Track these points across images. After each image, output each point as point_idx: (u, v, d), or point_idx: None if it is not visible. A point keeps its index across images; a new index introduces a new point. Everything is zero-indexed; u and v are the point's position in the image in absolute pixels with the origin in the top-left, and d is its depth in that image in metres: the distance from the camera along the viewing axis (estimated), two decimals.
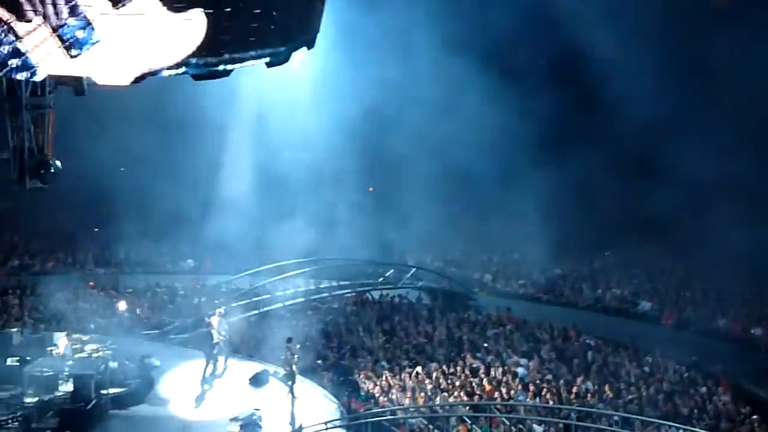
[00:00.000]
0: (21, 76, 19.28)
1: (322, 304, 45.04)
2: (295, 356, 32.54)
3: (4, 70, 19.09)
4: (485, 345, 39.40)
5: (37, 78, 19.48)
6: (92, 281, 47.62)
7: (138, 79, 19.18)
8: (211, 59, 19.18)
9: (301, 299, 44.04)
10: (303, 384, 33.79)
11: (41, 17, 18.48)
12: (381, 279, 46.61)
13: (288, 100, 45.60)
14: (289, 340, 33.01)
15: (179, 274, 51.23)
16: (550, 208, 50.27)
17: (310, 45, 21.32)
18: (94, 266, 50.83)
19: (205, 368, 34.22)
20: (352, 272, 46.24)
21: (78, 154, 48.47)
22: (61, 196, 50.86)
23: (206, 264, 50.92)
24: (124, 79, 19.17)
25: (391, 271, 47.21)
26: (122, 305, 43.41)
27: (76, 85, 21.38)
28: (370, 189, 55.05)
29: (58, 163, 25.33)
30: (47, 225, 54.94)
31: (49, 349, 33.62)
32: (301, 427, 29.98)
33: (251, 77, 43.17)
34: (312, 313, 43.66)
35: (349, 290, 45.72)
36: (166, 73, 19.28)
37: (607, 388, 34.25)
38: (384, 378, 35.73)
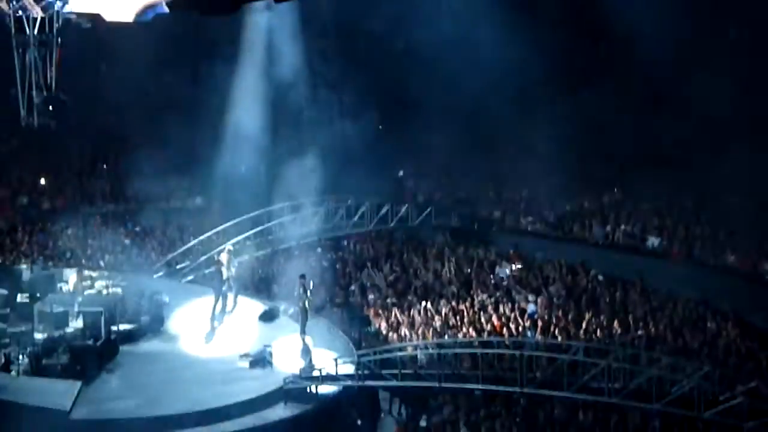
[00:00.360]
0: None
1: (335, 242, 44.93)
2: (308, 292, 32.62)
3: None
4: (494, 282, 39.45)
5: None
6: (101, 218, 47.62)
7: (140, 14, 19.11)
8: None
9: (315, 237, 43.79)
10: (313, 320, 33.91)
11: None
12: (396, 217, 46.25)
13: (295, 33, 45.36)
14: (303, 276, 33.04)
15: (190, 210, 51.23)
16: (561, 143, 50.05)
17: None
18: (104, 202, 50.81)
19: (215, 305, 34.32)
20: (366, 210, 45.95)
21: (88, 92, 48.67)
22: (71, 133, 51.06)
23: (216, 201, 50.82)
24: (128, 14, 19.12)
25: (405, 206, 46.88)
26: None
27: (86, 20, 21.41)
28: (380, 126, 54.66)
29: (65, 99, 25.23)
30: (56, 162, 54.93)
31: (59, 285, 33.75)
32: (311, 364, 30.09)
33: (260, 13, 43.16)
34: (324, 251, 43.60)
35: (363, 228, 45.39)
36: (166, 8, 19.21)
37: (615, 324, 34.31)
38: (393, 314, 35.82)
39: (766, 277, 39.83)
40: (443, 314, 35.89)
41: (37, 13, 25.07)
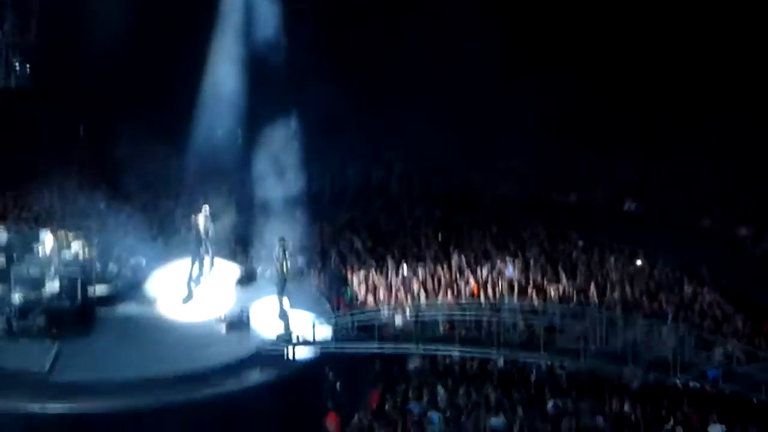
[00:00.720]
0: None
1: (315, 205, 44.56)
2: (287, 255, 32.55)
3: None
4: (472, 246, 39.46)
5: None
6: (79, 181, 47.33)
7: None
8: None
9: (300, 201, 43.40)
10: (291, 284, 33.89)
11: None
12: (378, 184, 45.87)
13: None
14: (281, 239, 32.93)
15: (168, 174, 51.01)
16: (540, 109, 50.05)
17: None
18: (82, 165, 50.49)
19: (192, 268, 34.21)
20: (350, 175, 45.72)
21: (66, 55, 48.41)
22: (48, 95, 50.75)
23: (193, 163, 50.55)
24: None
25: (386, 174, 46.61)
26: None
27: None
28: None
29: (42, 61, 25.02)
30: (33, 124, 54.59)
31: (36, 248, 33.58)
32: (288, 327, 30.10)
33: None
34: (303, 214, 43.24)
35: (352, 192, 45.04)
36: None
37: (592, 287, 34.39)
38: (371, 278, 35.81)
39: (742, 241, 40.04)
40: (421, 278, 35.88)
41: None
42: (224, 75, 45.30)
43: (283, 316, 31.34)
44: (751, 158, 43.80)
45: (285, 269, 32.50)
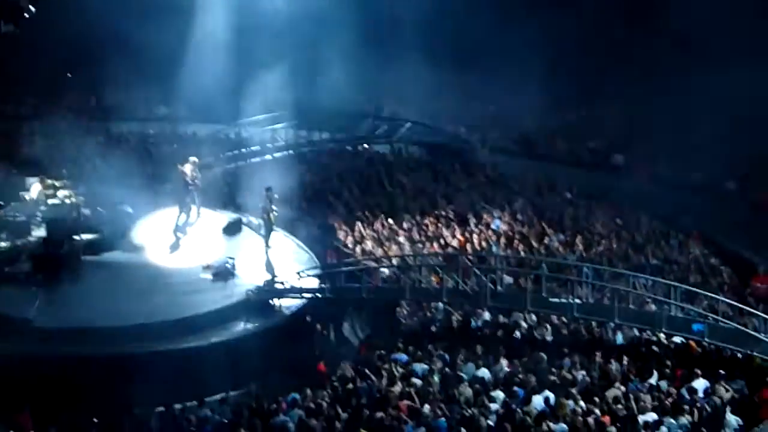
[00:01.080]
0: None
1: (304, 155, 44.37)
2: (273, 205, 32.51)
3: None
4: (459, 197, 39.45)
5: None
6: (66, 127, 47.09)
7: None
8: None
9: (290, 152, 43.17)
10: (277, 234, 33.89)
11: None
12: (375, 132, 45.48)
13: None
14: (268, 188, 32.86)
15: (153, 121, 50.88)
16: (530, 59, 49.87)
17: None
18: (68, 112, 50.28)
19: (179, 216, 34.17)
20: (343, 125, 45.39)
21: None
22: (37, 41, 50.32)
23: (181, 111, 50.39)
24: None
25: (384, 126, 46.24)
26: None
27: None
28: None
29: (31, 6, 24.80)
30: (22, 71, 54.32)
31: (21, 194, 33.51)
32: (274, 276, 30.10)
33: None
34: (293, 164, 43.07)
35: (343, 143, 44.70)
36: None
37: (578, 240, 34.43)
38: (357, 228, 35.79)
39: (730, 194, 40.11)
40: (408, 229, 35.90)
41: None
42: (214, 18, 45.08)
43: (269, 265, 31.36)
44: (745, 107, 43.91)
45: (272, 218, 32.49)
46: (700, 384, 24.09)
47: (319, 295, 29.37)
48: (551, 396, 23.43)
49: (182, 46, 45.54)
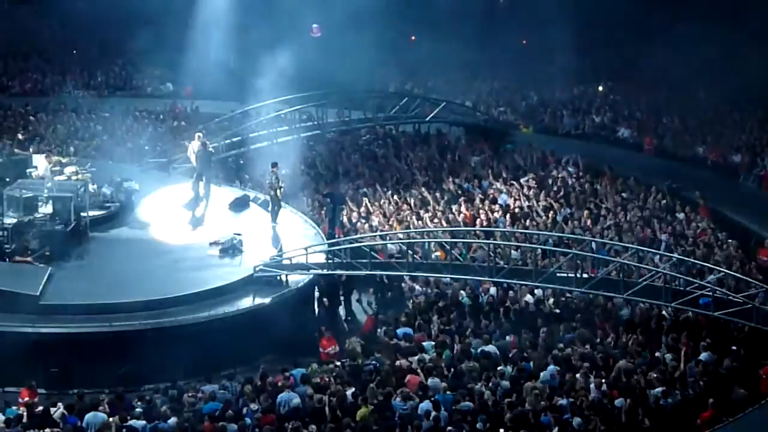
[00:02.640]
0: None
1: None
2: (280, 181, 32.50)
3: None
4: (466, 173, 39.39)
5: None
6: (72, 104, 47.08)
7: None
8: None
9: (318, 132, 42.35)
10: (286, 209, 33.93)
11: None
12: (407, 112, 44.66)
13: None
14: (275, 164, 32.86)
15: (159, 98, 50.86)
16: (532, 35, 49.86)
17: None
18: (74, 89, 50.34)
19: (186, 192, 34.20)
20: (372, 105, 44.75)
21: None
22: (42, 17, 50.37)
23: (187, 89, 50.37)
24: None
25: (417, 102, 45.42)
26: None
27: None
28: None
29: None
30: (27, 47, 54.39)
31: (28, 170, 33.52)
32: (281, 252, 30.11)
33: None
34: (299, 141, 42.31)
35: (373, 124, 44.13)
36: None
37: (585, 214, 34.39)
38: (364, 204, 35.77)
39: (734, 167, 40.05)
40: (413, 204, 35.88)
41: None
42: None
43: (276, 240, 31.39)
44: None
45: (278, 194, 32.52)
46: (707, 357, 24.14)
47: (325, 271, 29.37)
48: (559, 370, 23.53)
49: (187, 25, 45.45)
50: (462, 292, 29.08)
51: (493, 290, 29.03)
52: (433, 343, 25.67)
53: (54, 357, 25.62)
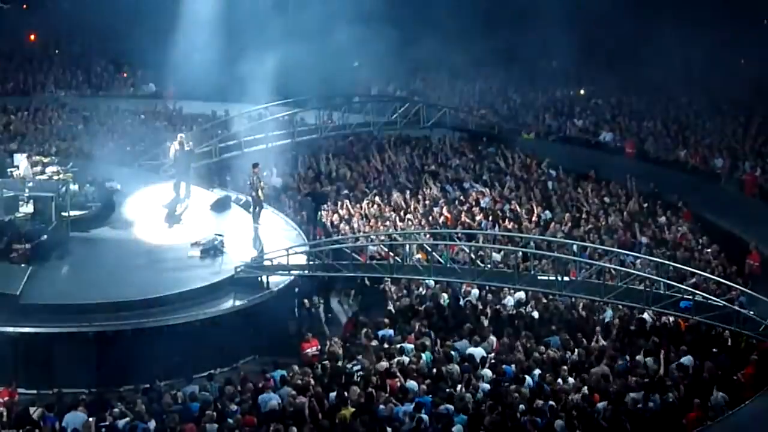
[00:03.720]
0: None
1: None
2: (261, 182, 32.44)
3: None
4: (447, 174, 39.40)
5: None
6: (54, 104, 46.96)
7: None
8: None
9: (315, 136, 42.23)
10: (267, 210, 33.92)
11: None
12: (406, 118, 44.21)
13: None
14: (255, 164, 32.81)
15: (143, 97, 50.79)
16: (515, 38, 49.81)
17: None
18: (56, 89, 50.24)
19: (168, 193, 34.14)
20: (368, 109, 44.46)
21: None
22: (23, 18, 50.22)
23: (169, 91, 50.22)
24: None
25: (418, 106, 44.95)
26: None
27: None
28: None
29: None
30: (8, 46, 54.24)
31: (9, 170, 33.40)
32: (262, 253, 30.09)
33: None
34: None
35: (371, 128, 44.01)
36: None
37: (566, 217, 34.43)
38: (345, 206, 35.75)
39: (716, 171, 40.13)
40: (395, 206, 35.87)
41: None
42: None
43: (258, 241, 31.36)
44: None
45: (260, 195, 32.48)
46: (688, 361, 24.20)
47: (306, 273, 29.35)
48: (541, 374, 23.57)
49: (170, 25, 45.31)
50: (443, 294, 29.11)
51: (474, 292, 29.05)
52: (413, 345, 25.66)
53: (34, 356, 25.58)
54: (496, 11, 50.21)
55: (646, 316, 27.07)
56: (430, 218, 34.94)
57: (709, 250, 32.00)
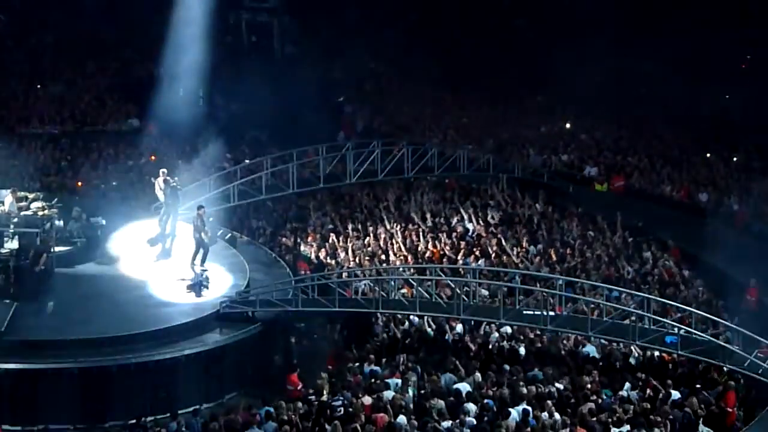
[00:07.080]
0: None
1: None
2: (205, 224, 31.67)
3: None
4: (432, 209, 39.40)
5: None
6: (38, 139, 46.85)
7: None
8: None
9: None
10: (248, 247, 33.87)
11: None
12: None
13: None
14: (201, 206, 31.92)
15: (127, 132, 50.67)
16: (501, 72, 50.02)
17: None
18: (40, 123, 50.06)
19: (152, 228, 34.04)
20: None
21: (23, 12, 47.91)
22: (6, 52, 50.11)
23: (150, 127, 49.98)
24: None
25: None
26: None
27: None
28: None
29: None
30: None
31: None
32: (245, 290, 30.04)
33: None
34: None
35: (402, 176, 41.44)
36: None
37: (552, 252, 34.50)
38: (330, 240, 35.76)
39: (701, 206, 40.28)
40: (381, 241, 35.88)
41: None
42: (187, 36, 44.99)
43: (243, 276, 31.29)
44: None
45: (203, 237, 31.57)
46: (673, 396, 24.22)
47: (292, 308, 29.30)
48: (527, 409, 23.54)
49: (155, 62, 45.43)
50: (428, 329, 29.10)
51: (459, 327, 29.05)
52: (399, 380, 25.62)
53: (19, 393, 25.48)
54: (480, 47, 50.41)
55: (633, 349, 27.13)
56: (416, 252, 34.93)
57: (695, 284, 32.13)
